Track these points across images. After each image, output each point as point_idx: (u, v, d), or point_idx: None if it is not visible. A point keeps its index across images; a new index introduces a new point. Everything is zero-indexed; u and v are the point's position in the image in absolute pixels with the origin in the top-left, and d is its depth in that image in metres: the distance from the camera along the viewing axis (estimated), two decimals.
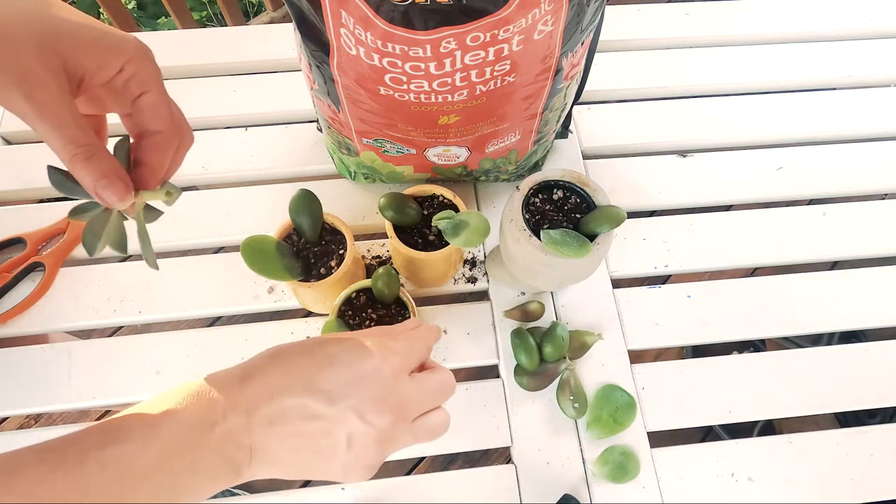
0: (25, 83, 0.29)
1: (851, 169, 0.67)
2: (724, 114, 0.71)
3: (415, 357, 0.37)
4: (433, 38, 0.38)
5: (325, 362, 0.34)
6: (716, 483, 0.52)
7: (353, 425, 0.33)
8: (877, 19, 0.78)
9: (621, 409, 0.53)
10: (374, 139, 0.52)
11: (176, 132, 0.36)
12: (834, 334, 0.94)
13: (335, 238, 0.52)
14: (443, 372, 0.38)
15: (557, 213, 0.49)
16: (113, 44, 0.33)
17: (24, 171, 0.63)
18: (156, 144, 0.35)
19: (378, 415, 0.33)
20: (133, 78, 0.34)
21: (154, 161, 0.35)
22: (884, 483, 0.53)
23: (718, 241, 0.63)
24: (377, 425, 0.33)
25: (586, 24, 0.44)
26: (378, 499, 0.51)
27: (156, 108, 0.35)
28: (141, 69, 0.34)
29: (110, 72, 0.33)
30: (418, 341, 0.38)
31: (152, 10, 1.47)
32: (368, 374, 0.34)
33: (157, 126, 0.35)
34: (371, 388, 0.33)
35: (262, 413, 0.32)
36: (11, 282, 0.57)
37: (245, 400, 0.32)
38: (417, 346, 0.37)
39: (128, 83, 0.34)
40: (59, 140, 0.30)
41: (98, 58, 0.32)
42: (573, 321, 0.58)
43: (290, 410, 0.32)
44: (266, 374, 0.33)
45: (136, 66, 0.34)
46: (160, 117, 0.35)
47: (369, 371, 0.34)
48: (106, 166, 0.32)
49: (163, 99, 0.35)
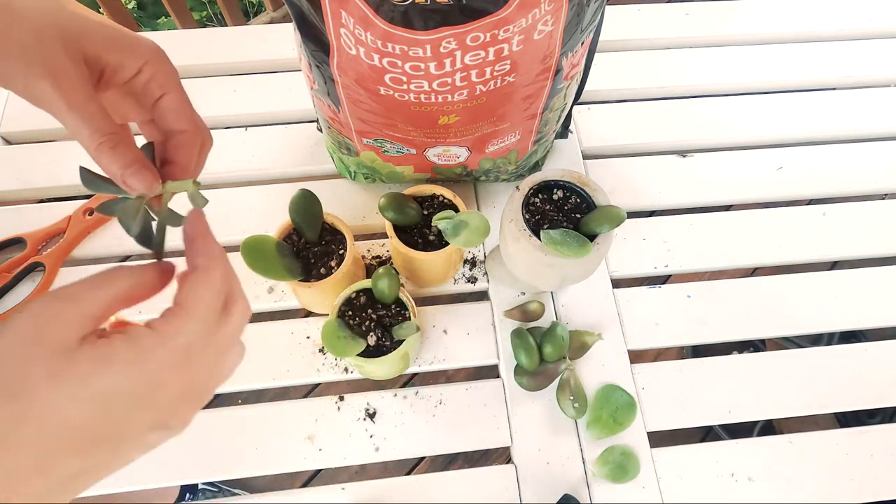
0: (53, 74, 0.29)
1: (851, 169, 0.67)
2: (724, 114, 0.71)
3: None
4: (433, 38, 0.38)
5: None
6: (716, 483, 0.52)
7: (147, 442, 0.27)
8: (877, 19, 0.78)
9: (621, 409, 0.53)
10: (374, 139, 0.52)
11: (199, 132, 0.35)
12: (834, 334, 0.94)
13: (335, 238, 0.52)
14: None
15: (557, 213, 0.49)
16: (131, 43, 0.33)
17: (24, 171, 0.63)
18: (182, 143, 0.35)
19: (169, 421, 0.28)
20: (153, 79, 0.34)
21: (182, 159, 0.35)
22: (884, 483, 0.53)
23: (718, 241, 0.63)
24: (173, 427, 0.28)
25: (586, 24, 0.44)
26: (378, 499, 0.51)
27: (178, 108, 0.35)
28: (160, 70, 0.34)
29: (129, 71, 0.33)
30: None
31: (152, 9, 1.47)
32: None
33: (181, 126, 0.35)
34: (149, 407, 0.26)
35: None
36: (11, 282, 0.57)
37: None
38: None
39: (148, 84, 0.34)
40: (87, 129, 0.30)
41: (118, 55, 0.32)
42: (573, 321, 0.58)
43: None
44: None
45: (154, 66, 0.33)
46: (184, 117, 0.35)
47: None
48: (131, 155, 0.31)
49: (184, 98, 0.35)
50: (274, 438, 0.53)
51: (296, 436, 0.53)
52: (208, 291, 0.30)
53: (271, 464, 0.52)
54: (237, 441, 0.53)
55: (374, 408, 0.54)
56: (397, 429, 0.53)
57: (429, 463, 1.07)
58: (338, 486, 0.51)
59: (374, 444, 0.53)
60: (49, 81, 0.29)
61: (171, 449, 0.52)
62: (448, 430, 0.53)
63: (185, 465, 0.52)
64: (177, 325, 0.27)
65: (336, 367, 0.55)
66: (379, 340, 0.48)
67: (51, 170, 0.63)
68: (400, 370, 0.53)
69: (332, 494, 0.51)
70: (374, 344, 0.48)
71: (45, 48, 0.30)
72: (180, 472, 0.51)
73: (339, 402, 0.54)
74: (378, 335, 0.48)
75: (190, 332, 0.28)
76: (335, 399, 0.54)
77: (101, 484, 0.50)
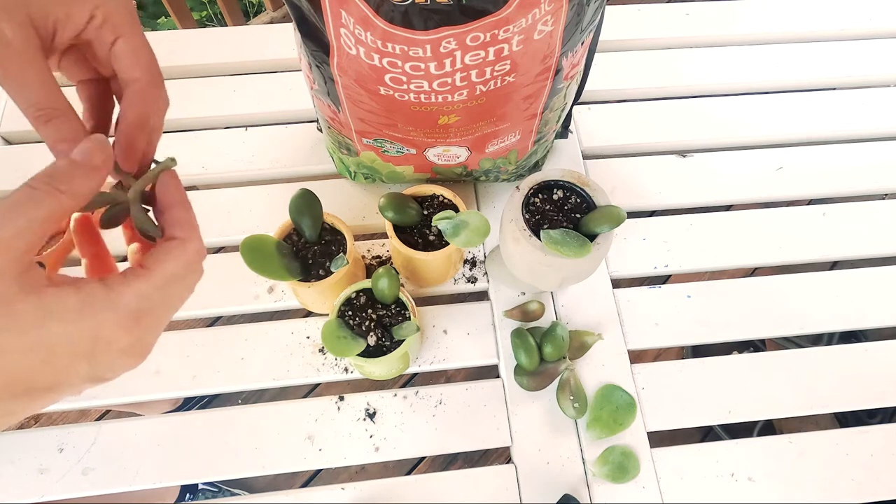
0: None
1: (851, 169, 0.67)
2: (724, 114, 0.71)
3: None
4: (433, 38, 0.38)
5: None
6: (716, 483, 0.52)
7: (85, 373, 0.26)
8: (877, 19, 0.78)
9: (621, 409, 0.53)
10: (374, 139, 0.52)
11: (156, 82, 0.32)
12: (834, 334, 0.94)
13: (335, 238, 0.52)
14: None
15: (557, 213, 0.49)
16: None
17: (24, 171, 0.63)
18: (135, 94, 0.31)
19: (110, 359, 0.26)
20: (105, 23, 0.30)
21: (134, 115, 0.31)
22: (884, 483, 0.53)
23: (718, 241, 0.63)
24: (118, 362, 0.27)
25: (586, 24, 0.44)
26: (378, 499, 0.51)
27: (132, 52, 0.31)
28: (112, 12, 0.30)
29: (80, 19, 0.30)
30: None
31: (152, 9, 1.47)
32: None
33: (134, 73, 0.31)
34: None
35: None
36: None
37: None
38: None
39: (100, 31, 0.30)
40: (22, 102, 0.29)
41: (64, 6, 0.29)
42: (573, 321, 0.58)
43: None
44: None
45: (105, 9, 0.30)
46: (138, 64, 0.31)
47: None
48: (67, 129, 0.29)
49: (139, 42, 0.31)
50: (274, 438, 0.53)
51: (296, 436, 0.53)
52: (179, 262, 0.28)
53: (271, 464, 0.52)
54: (237, 441, 0.53)
55: (374, 408, 0.54)
56: (397, 429, 0.53)
57: (429, 463, 1.08)
58: (338, 486, 0.51)
59: (374, 444, 0.53)
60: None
61: (171, 449, 0.52)
62: (448, 430, 0.53)
63: (185, 465, 0.52)
64: (136, 287, 0.26)
65: (336, 367, 0.55)
66: (379, 340, 0.48)
67: None
68: (400, 370, 0.53)
69: (332, 494, 0.51)
70: (374, 344, 0.48)
71: None
72: (180, 472, 0.51)
73: (339, 402, 0.54)
74: (378, 335, 0.48)
75: (146, 297, 0.27)
76: (335, 399, 0.54)
77: (101, 484, 0.51)
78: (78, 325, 0.25)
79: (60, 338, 0.24)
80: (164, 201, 0.30)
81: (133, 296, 0.26)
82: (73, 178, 0.26)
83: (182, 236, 0.29)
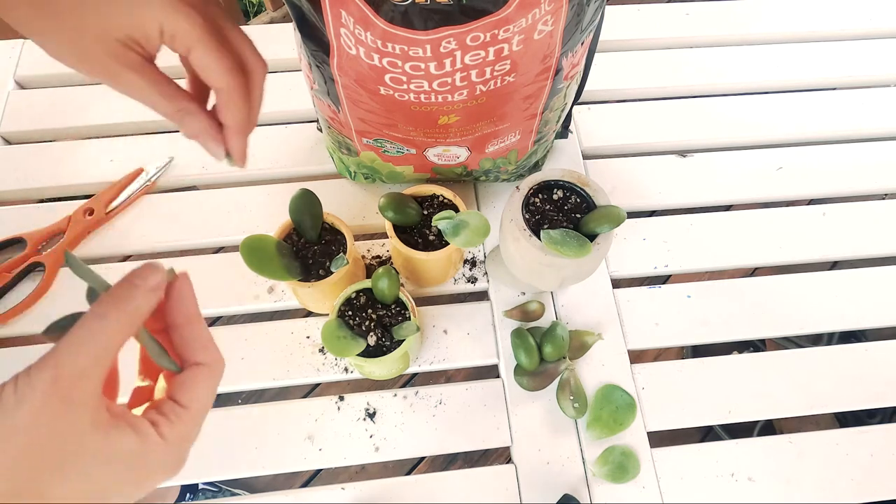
0: (107, 73, 0.32)
1: (851, 169, 0.67)
2: (724, 114, 0.71)
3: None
4: (433, 38, 0.38)
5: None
6: (716, 483, 0.52)
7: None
8: (877, 19, 0.78)
9: (621, 409, 0.53)
10: (374, 139, 0.52)
11: (237, 79, 0.34)
12: (834, 334, 0.94)
13: (335, 238, 0.52)
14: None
15: (557, 213, 0.49)
16: (139, 9, 0.31)
17: (24, 171, 0.63)
18: (222, 104, 0.35)
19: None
20: (174, 38, 0.32)
21: (229, 120, 0.36)
22: (884, 483, 0.53)
23: (718, 241, 0.63)
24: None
25: (586, 24, 0.44)
26: (378, 499, 0.51)
27: (207, 65, 0.33)
28: (177, 27, 0.32)
29: (154, 34, 0.32)
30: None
31: None
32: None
33: (217, 83, 0.34)
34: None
35: None
36: (11, 282, 0.57)
37: None
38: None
39: (172, 44, 0.33)
40: (158, 109, 0.34)
41: (141, 30, 0.32)
42: (573, 321, 0.58)
43: None
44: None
45: (170, 24, 0.32)
46: (214, 73, 0.33)
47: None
48: (196, 124, 0.35)
49: (209, 55, 0.33)
50: (274, 438, 0.53)
51: (296, 436, 0.53)
52: (211, 390, 0.29)
53: (271, 464, 0.52)
54: (237, 441, 0.53)
55: (374, 408, 0.54)
56: (397, 429, 0.53)
57: (429, 463, 1.08)
58: (338, 486, 0.51)
59: (374, 444, 0.53)
60: (114, 84, 0.33)
61: None
62: (448, 430, 0.53)
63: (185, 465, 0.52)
64: (180, 429, 0.27)
65: (336, 367, 0.55)
66: (379, 340, 0.48)
67: (51, 170, 0.63)
68: (400, 370, 0.53)
69: (332, 494, 0.51)
70: (374, 344, 0.48)
71: (91, 52, 0.31)
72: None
73: (339, 402, 0.54)
74: (378, 335, 0.48)
75: (188, 434, 0.28)
76: (335, 399, 0.54)
77: None
78: (134, 467, 0.26)
79: (118, 475, 0.26)
80: (178, 315, 0.29)
81: (178, 437, 0.27)
82: (132, 298, 0.27)
83: (207, 361, 0.29)
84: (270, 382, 0.55)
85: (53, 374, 0.24)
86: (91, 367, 0.24)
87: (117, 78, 0.32)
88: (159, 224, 0.61)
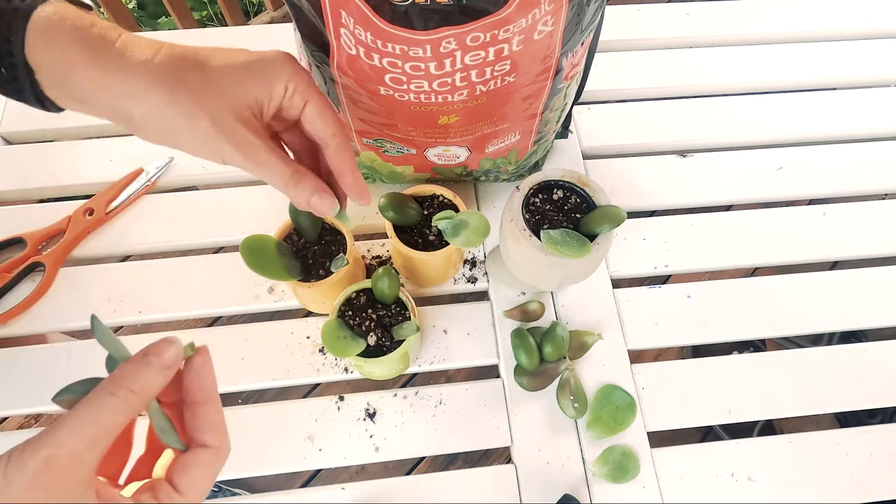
0: (237, 145, 0.34)
1: (851, 169, 0.67)
2: (724, 114, 0.71)
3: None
4: (433, 38, 0.38)
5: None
6: (716, 483, 0.52)
7: None
8: (877, 19, 0.78)
9: (621, 409, 0.53)
10: (374, 139, 0.52)
11: (344, 133, 0.37)
12: (834, 334, 0.94)
13: (335, 238, 0.52)
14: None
15: (557, 213, 0.49)
16: (272, 69, 0.35)
17: (24, 171, 0.63)
18: (337, 149, 0.37)
19: None
20: (296, 93, 0.36)
21: (340, 165, 0.38)
22: (884, 483, 0.53)
23: (718, 241, 0.63)
24: None
25: (586, 24, 0.44)
26: (378, 499, 0.51)
27: (323, 113, 0.37)
28: (299, 82, 0.36)
29: (279, 93, 0.35)
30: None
31: (153, 9, 1.47)
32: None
33: (328, 130, 0.37)
34: None
35: None
36: (11, 282, 0.57)
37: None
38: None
39: (292, 99, 0.36)
40: (275, 180, 0.36)
41: (266, 89, 0.35)
42: (573, 321, 0.58)
43: None
44: None
45: (295, 80, 0.36)
46: (329, 120, 0.37)
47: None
48: (310, 185, 0.37)
49: (324, 102, 0.37)
50: (274, 438, 0.53)
51: (296, 436, 0.53)
52: (212, 473, 0.28)
53: (271, 464, 0.52)
54: (237, 441, 0.52)
55: (374, 408, 0.54)
56: (397, 429, 0.53)
57: (429, 463, 1.08)
58: (338, 486, 0.51)
59: (374, 444, 0.53)
60: (239, 153, 0.34)
61: None
62: (448, 430, 0.53)
63: None
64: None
65: (336, 367, 0.55)
66: (379, 340, 0.48)
67: (51, 170, 0.63)
68: (400, 370, 0.53)
69: (332, 494, 0.51)
70: (374, 344, 0.48)
71: (224, 127, 0.33)
72: None
73: (339, 402, 0.54)
74: (378, 335, 0.48)
75: None
76: (335, 399, 0.54)
77: None
78: None
79: None
80: (195, 394, 0.29)
81: None
82: (144, 376, 0.27)
83: (215, 444, 0.28)
84: (270, 382, 0.55)
85: (46, 456, 0.23)
86: (87, 451, 0.24)
87: (243, 146, 0.34)
88: (159, 224, 0.61)
